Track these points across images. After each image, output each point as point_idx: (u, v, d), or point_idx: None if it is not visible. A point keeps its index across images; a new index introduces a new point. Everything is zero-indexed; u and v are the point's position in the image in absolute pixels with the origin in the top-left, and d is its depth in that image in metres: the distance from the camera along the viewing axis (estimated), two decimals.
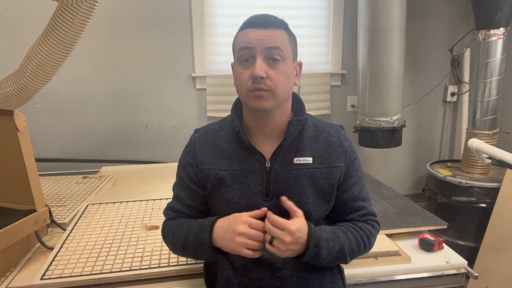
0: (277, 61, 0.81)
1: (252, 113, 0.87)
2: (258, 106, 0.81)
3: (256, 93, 0.81)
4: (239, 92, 0.86)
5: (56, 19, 1.33)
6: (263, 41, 0.80)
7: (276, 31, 0.82)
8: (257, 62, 0.80)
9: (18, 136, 1.05)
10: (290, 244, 0.76)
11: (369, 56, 2.07)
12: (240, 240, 0.77)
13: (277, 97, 0.82)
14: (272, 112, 0.85)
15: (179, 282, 1.01)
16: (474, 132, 2.15)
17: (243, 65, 0.83)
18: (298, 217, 0.79)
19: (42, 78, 1.42)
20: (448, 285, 1.13)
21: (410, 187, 2.83)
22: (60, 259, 1.06)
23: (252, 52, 0.81)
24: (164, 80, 2.28)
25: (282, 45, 0.82)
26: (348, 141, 0.91)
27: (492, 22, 2.02)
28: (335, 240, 0.82)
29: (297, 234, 0.76)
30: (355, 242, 0.85)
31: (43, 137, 2.19)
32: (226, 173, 0.86)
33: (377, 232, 0.92)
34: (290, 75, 0.85)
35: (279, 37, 0.82)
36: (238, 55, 0.84)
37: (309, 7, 2.38)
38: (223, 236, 0.79)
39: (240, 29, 0.85)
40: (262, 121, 0.87)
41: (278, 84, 0.81)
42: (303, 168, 0.86)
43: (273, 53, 0.81)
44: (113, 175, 1.86)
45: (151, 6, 2.18)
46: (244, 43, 0.82)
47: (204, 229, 0.82)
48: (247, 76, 0.81)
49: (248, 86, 0.81)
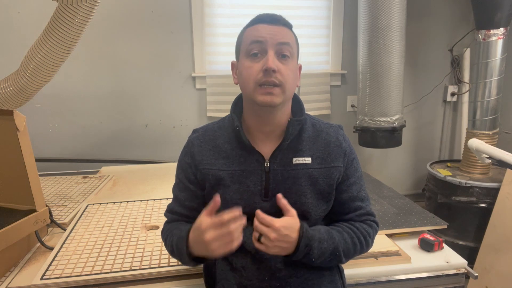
0: (287, 57, 0.82)
1: (254, 110, 0.86)
2: (269, 101, 0.81)
3: (267, 90, 0.80)
4: (245, 87, 0.85)
5: (56, 19, 1.33)
6: (275, 36, 0.81)
7: (286, 28, 0.84)
8: (269, 55, 0.80)
9: (18, 136, 1.05)
10: (275, 241, 0.75)
11: (369, 56, 2.07)
12: (214, 247, 0.74)
13: (285, 93, 0.82)
14: (277, 110, 0.85)
15: (179, 282, 1.01)
16: (474, 132, 2.15)
17: (252, 58, 0.82)
18: (290, 216, 0.79)
19: (42, 78, 1.42)
20: (448, 285, 1.13)
21: (410, 187, 2.83)
22: (60, 259, 1.06)
23: (263, 46, 0.81)
24: (164, 80, 2.28)
25: (291, 42, 0.84)
26: (347, 141, 0.91)
27: (492, 22, 2.02)
28: (328, 241, 0.82)
29: (283, 231, 0.75)
30: (351, 242, 0.85)
31: (43, 137, 2.19)
32: (225, 173, 0.86)
33: (375, 232, 0.91)
34: (296, 74, 0.87)
35: (289, 35, 0.84)
36: (247, 49, 0.83)
37: (309, 7, 2.38)
38: (199, 248, 0.78)
39: (249, 25, 0.86)
40: (263, 119, 0.86)
41: (288, 80, 0.82)
42: (302, 169, 0.86)
43: (284, 49, 0.82)
44: (113, 175, 1.86)
45: (151, 6, 2.18)
46: (255, 37, 0.82)
47: (182, 240, 0.81)
48: (257, 69, 0.81)
49: (258, 79, 0.81)
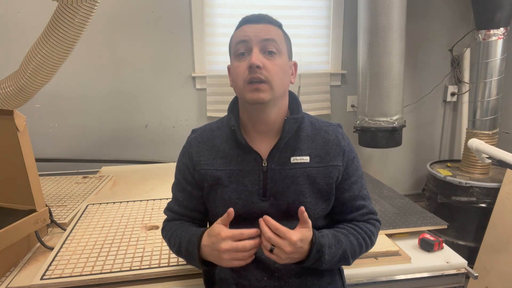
0: (273, 53, 0.83)
1: (249, 109, 0.86)
2: (256, 98, 0.81)
3: (254, 86, 0.81)
4: (236, 87, 0.86)
5: (56, 19, 1.33)
6: (258, 34, 0.82)
7: (271, 26, 0.84)
8: (254, 52, 0.81)
9: (18, 136, 1.05)
10: (290, 253, 0.75)
11: (369, 56, 2.07)
12: (227, 257, 0.75)
13: (274, 90, 0.82)
14: (269, 107, 0.85)
15: (179, 282, 1.00)
16: (474, 132, 2.15)
17: (239, 58, 0.84)
18: (307, 228, 0.77)
19: (42, 78, 1.42)
20: (448, 285, 1.13)
21: (410, 187, 2.83)
22: (60, 259, 1.06)
23: (248, 44, 0.82)
24: (164, 80, 2.28)
25: (277, 38, 0.83)
26: (346, 139, 0.91)
27: (492, 22, 2.02)
28: (337, 245, 0.81)
29: (299, 244, 0.75)
30: (357, 244, 0.85)
31: (43, 137, 2.19)
32: (223, 173, 0.86)
33: (378, 230, 0.92)
34: (286, 69, 0.86)
35: (274, 31, 0.84)
36: (234, 50, 0.85)
37: (309, 7, 2.38)
38: (210, 254, 0.78)
39: (236, 27, 0.87)
40: (258, 118, 0.86)
41: (275, 76, 0.82)
42: (300, 167, 0.86)
43: (269, 45, 0.82)
44: (113, 175, 1.86)
45: (151, 6, 2.18)
46: (241, 37, 0.83)
47: (193, 244, 0.81)
48: (243, 67, 0.82)
49: (245, 77, 0.81)
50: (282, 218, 0.85)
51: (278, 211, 0.85)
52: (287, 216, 0.86)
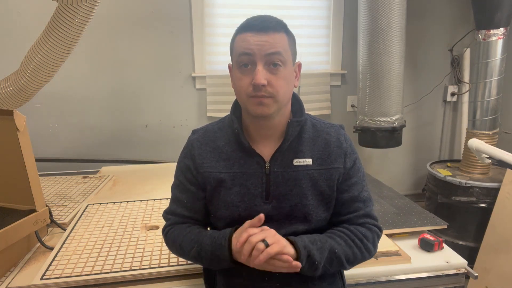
0: (278, 66, 0.79)
1: (250, 116, 0.86)
2: (260, 112, 0.80)
3: (258, 100, 0.79)
4: (238, 97, 0.85)
5: (56, 19, 1.33)
6: (263, 47, 0.78)
7: (276, 35, 0.79)
8: (258, 70, 0.78)
9: (18, 136, 1.05)
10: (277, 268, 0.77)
11: (369, 56, 2.07)
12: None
13: (278, 103, 0.81)
14: (273, 117, 0.84)
15: (179, 282, 1.00)
16: (474, 132, 2.15)
17: (243, 70, 0.81)
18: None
19: (42, 78, 1.42)
20: (448, 285, 1.13)
21: (410, 187, 2.83)
22: (60, 259, 1.06)
23: (252, 58, 0.79)
24: (164, 80, 2.28)
25: (282, 49, 0.80)
26: (348, 141, 0.90)
27: (492, 22, 2.02)
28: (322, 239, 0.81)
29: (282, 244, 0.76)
30: (346, 244, 0.83)
31: (43, 137, 2.19)
32: (226, 176, 0.86)
33: (375, 236, 0.88)
34: (290, 79, 0.84)
35: (279, 42, 0.80)
36: (237, 60, 0.81)
37: (309, 7, 2.38)
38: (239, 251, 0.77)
39: (238, 31, 0.82)
40: (260, 125, 0.86)
41: (279, 90, 0.80)
42: (302, 170, 0.85)
43: (274, 59, 0.79)
44: (113, 175, 1.86)
45: (151, 6, 2.18)
46: (244, 49, 0.79)
47: (221, 246, 0.80)
48: (247, 82, 0.80)
49: (248, 93, 0.80)
50: (284, 220, 0.85)
51: (280, 213, 0.85)
52: (289, 219, 0.85)
